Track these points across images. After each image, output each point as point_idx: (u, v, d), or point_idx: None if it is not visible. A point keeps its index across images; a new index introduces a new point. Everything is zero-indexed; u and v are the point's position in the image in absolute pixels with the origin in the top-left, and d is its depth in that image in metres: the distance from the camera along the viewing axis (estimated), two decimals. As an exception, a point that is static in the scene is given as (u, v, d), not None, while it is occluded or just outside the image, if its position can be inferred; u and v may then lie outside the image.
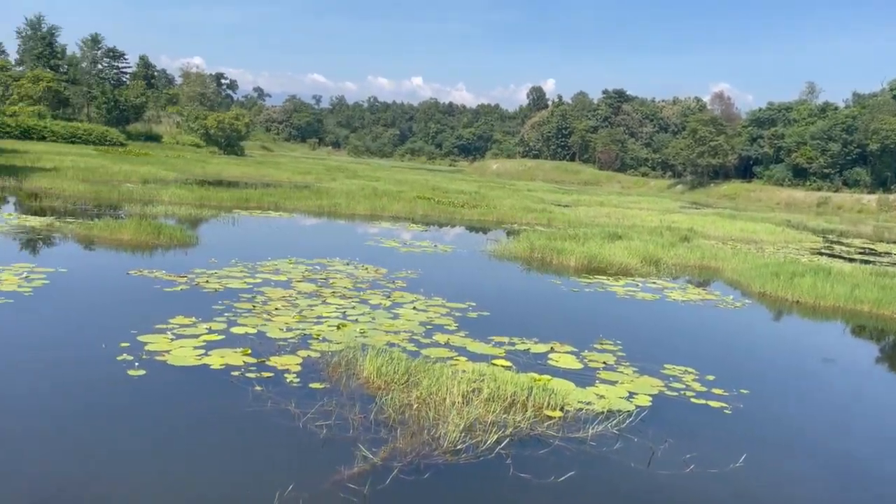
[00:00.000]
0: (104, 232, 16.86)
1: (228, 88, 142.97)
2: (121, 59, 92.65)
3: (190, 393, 7.63)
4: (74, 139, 68.27)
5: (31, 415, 6.79)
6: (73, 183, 28.14)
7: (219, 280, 12.89)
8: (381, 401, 7.33)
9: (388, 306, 12.07)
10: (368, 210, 29.23)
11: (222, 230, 21.07)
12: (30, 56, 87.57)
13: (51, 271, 12.33)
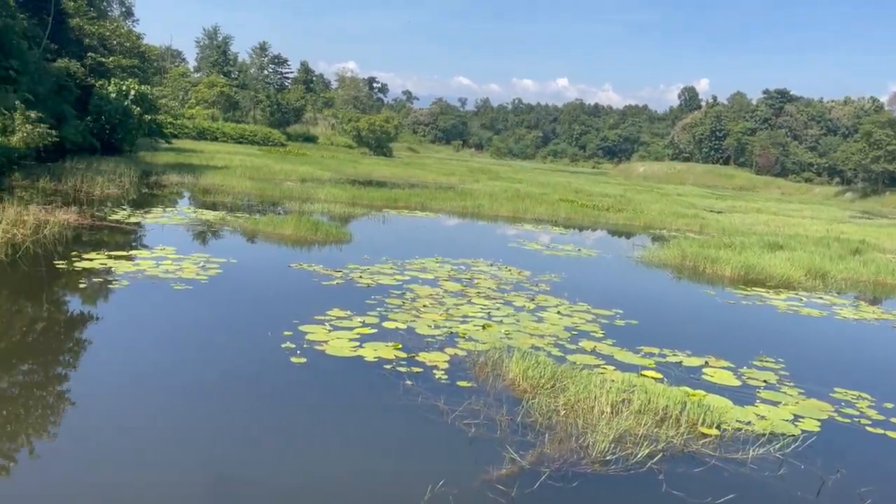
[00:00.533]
0: (268, 227, 18.14)
1: (379, 92, 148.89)
2: (284, 66, 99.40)
3: (346, 382, 8.03)
4: (242, 140, 74.00)
5: (202, 395, 7.46)
6: (241, 180, 30.54)
7: (371, 276, 13.45)
8: (527, 404, 7.32)
9: (532, 309, 12.03)
10: (511, 212, 29.29)
11: (373, 228, 21.99)
12: (206, 63, 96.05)
13: (223, 261, 13.45)
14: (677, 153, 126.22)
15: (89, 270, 11.82)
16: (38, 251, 13.06)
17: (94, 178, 24.83)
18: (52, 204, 18.13)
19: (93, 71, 42.60)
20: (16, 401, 7.02)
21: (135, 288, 10.98)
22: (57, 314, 10.13)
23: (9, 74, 29.14)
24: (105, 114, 41.17)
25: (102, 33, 43.88)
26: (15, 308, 10.20)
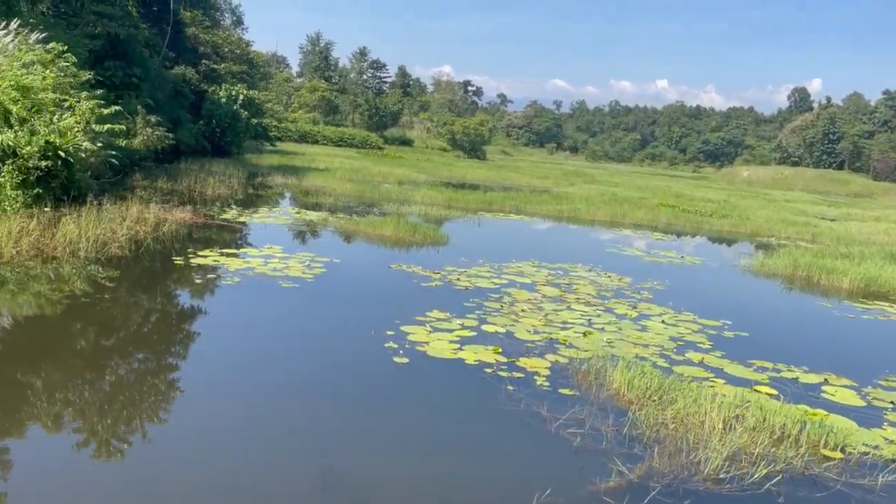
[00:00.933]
0: (369, 228, 18.55)
1: (474, 95, 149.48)
2: (382, 70, 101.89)
3: (448, 384, 8.07)
4: (341, 143, 76.17)
5: (308, 390, 7.68)
6: (342, 182, 31.41)
7: (468, 278, 13.48)
8: (633, 415, 7.11)
9: (635, 317, 11.69)
10: (608, 216, 28.66)
11: (469, 231, 22.06)
12: (308, 69, 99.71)
13: (327, 261, 13.84)
14: (785, 157, 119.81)
15: (204, 267, 12.45)
16: (158, 247, 13.88)
17: (206, 179, 26.17)
18: (170, 203, 19.26)
19: (206, 77, 44.97)
20: (132, 387, 7.53)
21: (246, 285, 11.47)
22: (174, 307, 10.73)
23: (132, 81, 31.19)
24: (216, 118, 43.38)
25: (215, 41, 46.24)
26: (137, 301, 10.87)
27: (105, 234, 13.62)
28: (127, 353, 8.66)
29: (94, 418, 6.51)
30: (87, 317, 9.69)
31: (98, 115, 19.78)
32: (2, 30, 20.59)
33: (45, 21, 24.82)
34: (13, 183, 15.63)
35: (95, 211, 15.41)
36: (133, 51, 31.44)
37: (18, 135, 16.18)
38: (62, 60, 21.01)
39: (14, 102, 17.09)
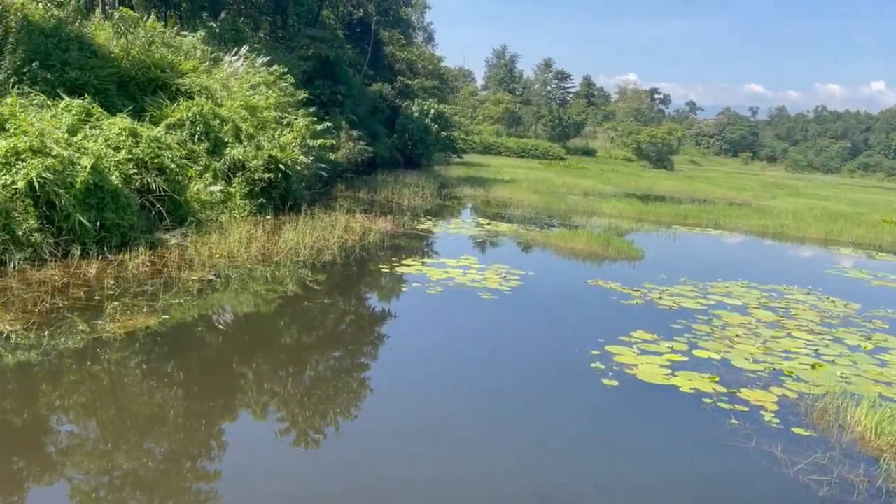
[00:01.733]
0: (560, 241, 18.31)
1: (661, 103, 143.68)
2: (566, 80, 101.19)
3: (664, 413, 7.61)
4: (524, 154, 76.64)
5: (510, 405, 7.58)
6: (527, 194, 31.46)
7: (671, 297, 12.77)
8: (887, 466, 6.22)
9: (870, 350, 10.36)
10: (821, 233, 25.96)
11: (665, 245, 21.03)
12: (493, 81, 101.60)
13: (522, 273, 13.81)
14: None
15: (407, 275, 12.94)
16: (364, 255, 14.68)
17: (401, 190, 27.42)
18: (372, 213, 20.37)
19: (400, 93, 47.29)
20: (329, 383, 8.05)
21: (448, 294, 11.73)
22: (376, 312, 11.23)
23: (338, 98, 33.52)
24: (408, 131, 45.49)
25: (410, 59, 48.48)
26: (342, 304, 11.51)
27: (319, 241, 14.66)
28: (326, 351, 9.24)
29: (295, 409, 7.12)
30: (295, 316, 10.42)
31: (312, 131, 21.46)
32: (233, 56, 23.03)
33: (267, 46, 27.45)
34: (241, 193, 17.35)
35: (309, 220, 16.68)
36: (340, 70, 33.86)
37: (247, 149, 17.97)
38: (283, 81, 23.06)
39: (244, 120, 19.01)
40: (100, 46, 18.32)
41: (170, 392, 7.19)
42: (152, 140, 14.39)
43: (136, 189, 13.58)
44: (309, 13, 34.76)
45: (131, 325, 8.56)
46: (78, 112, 14.05)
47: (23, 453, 5.75)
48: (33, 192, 11.06)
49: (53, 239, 11.19)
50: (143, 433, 6.22)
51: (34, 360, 7.45)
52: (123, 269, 10.98)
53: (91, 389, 7.08)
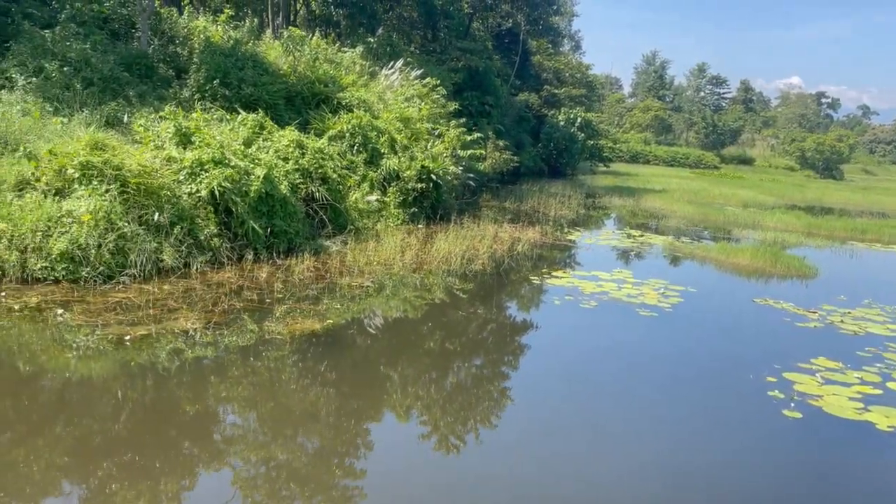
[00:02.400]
0: (721, 255, 17.20)
1: (829, 108, 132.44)
2: (722, 86, 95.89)
3: (860, 454, 6.81)
4: (673, 162, 73.47)
5: (680, 440, 7.06)
6: (681, 204, 29.99)
7: (854, 321, 11.55)
8: None
9: None
10: None
11: (841, 263, 19.17)
12: (642, 88, 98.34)
13: (682, 289, 13.07)
14: None
15: (559, 288, 12.65)
16: (513, 266, 14.56)
17: (547, 200, 27.10)
18: (519, 223, 20.26)
19: (546, 102, 46.98)
20: (469, 390, 8.06)
21: (603, 309, 11.32)
22: (524, 323, 11.02)
23: (485, 109, 33.79)
24: (553, 140, 45.03)
25: (558, 67, 48.04)
26: (500, 316, 11.42)
27: (469, 250, 14.74)
28: (474, 359, 9.17)
29: (437, 414, 7.27)
30: (447, 324, 10.44)
31: (462, 142, 21.73)
32: (389, 69, 23.85)
33: (420, 59, 28.21)
34: (396, 202, 17.85)
35: (459, 229, 16.84)
36: (488, 81, 34.14)
37: (401, 160, 18.48)
38: (435, 93, 23.55)
39: (398, 132, 19.58)
40: (271, 64, 19.63)
41: (323, 391, 7.53)
42: (317, 151, 15.15)
43: (301, 198, 14.35)
44: (459, 26, 35.35)
45: (297, 328, 8.96)
46: (252, 125, 15.08)
47: (194, 438, 6.31)
48: (214, 199, 11.97)
49: (230, 244, 12.04)
50: (298, 428, 6.60)
51: (210, 356, 7.99)
52: (290, 274, 11.58)
53: (255, 385, 7.47)
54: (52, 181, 10.67)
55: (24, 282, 9.60)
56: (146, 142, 12.76)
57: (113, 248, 10.17)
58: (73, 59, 15.83)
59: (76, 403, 6.86)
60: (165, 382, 7.31)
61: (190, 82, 17.43)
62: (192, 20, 20.52)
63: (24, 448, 5.77)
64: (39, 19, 17.05)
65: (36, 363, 7.58)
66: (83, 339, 8.07)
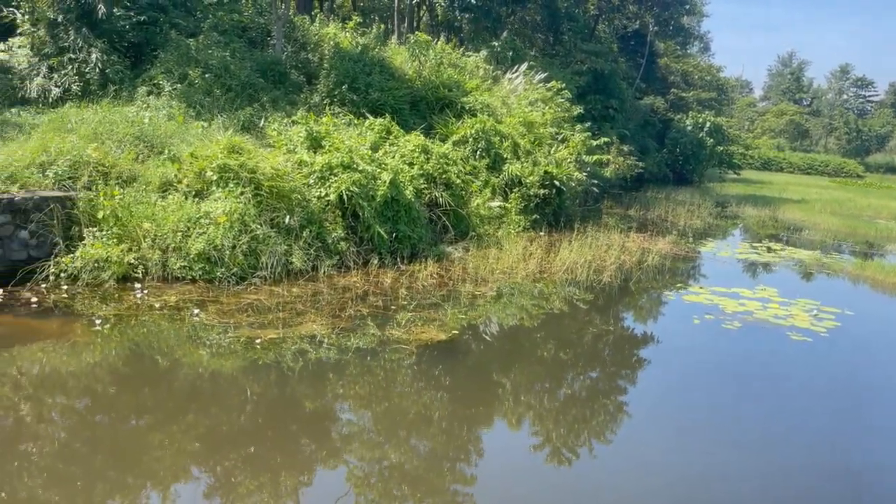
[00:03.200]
0: (878, 273, 15.52)
1: None
2: (868, 88, 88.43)
3: None
4: (810, 170, 68.50)
5: (830, 480, 6.18)
6: (825, 216, 27.64)
7: None
8: None
9: None
10: None
11: None
12: (776, 91, 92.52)
13: (837, 311, 11.78)
14: None
15: (697, 305, 11.75)
16: (644, 278, 13.73)
17: (675, 209, 25.75)
18: (646, 232, 19.27)
19: (673, 105, 45.00)
20: (584, 403, 7.77)
21: (748, 331, 10.35)
22: (670, 344, 10.23)
23: (609, 113, 32.73)
24: (680, 145, 42.98)
25: (686, 70, 45.94)
26: (636, 335, 10.70)
27: (595, 261, 14.07)
28: (599, 376, 8.55)
29: (550, 426, 7.10)
30: (569, 338, 9.85)
31: (588, 147, 20.99)
32: (513, 73, 23.48)
33: (543, 62, 27.65)
34: (517, 208, 17.41)
35: (583, 237, 16.18)
36: (612, 84, 33.05)
37: (524, 165, 18.04)
38: (559, 97, 22.94)
39: (521, 137, 19.16)
40: (396, 69, 19.76)
41: (441, 399, 7.37)
42: (441, 156, 15.00)
43: (424, 203, 14.23)
44: (584, 28, 34.45)
45: (421, 336, 8.73)
46: (380, 130, 15.16)
47: (313, 435, 6.46)
48: (342, 204, 12.04)
49: (355, 248, 12.07)
50: (412, 431, 6.61)
51: (334, 360, 7.89)
52: (414, 280, 11.43)
53: (374, 390, 7.29)
54: (193, 183, 11.07)
55: (165, 280, 9.98)
56: (279, 146, 13.06)
57: (246, 249, 10.40)
58: (214, 66, 16.57)
59: (207, 397, 6.97)
60: (291, 383, 7.27)
61: (320, 87, 17.81)
62: (323, 27, 21.06)
63: (160, 433, 6.06)
64: (185, 28, 18.00)
65: (173, 359, 7.77)
66: (216, 338, 8.21)
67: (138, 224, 10.10)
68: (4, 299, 8.74)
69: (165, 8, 18.39)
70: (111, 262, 9.64)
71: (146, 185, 10.92)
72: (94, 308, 8.82)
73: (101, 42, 15.67)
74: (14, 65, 15.20)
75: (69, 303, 8.91)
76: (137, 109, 14.34)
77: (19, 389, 6.74)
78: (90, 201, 10.10)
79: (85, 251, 9.64)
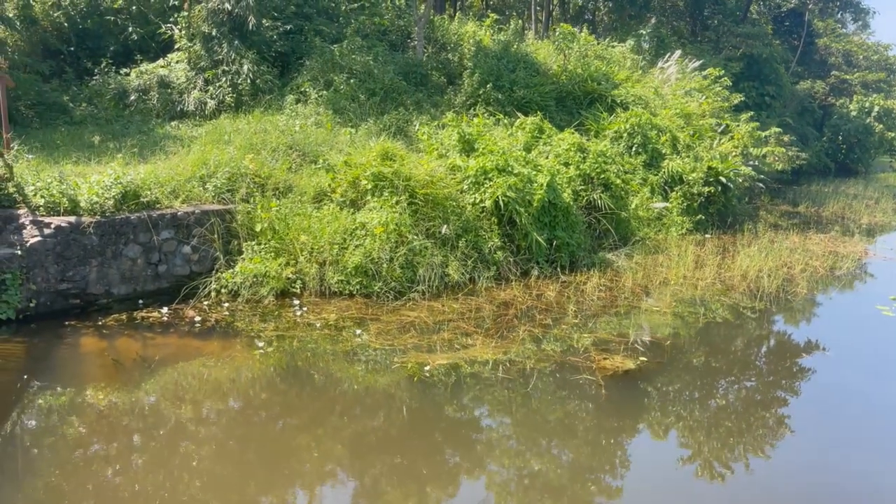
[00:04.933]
0: None
1: None
2: None
3: None
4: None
5: None
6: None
7: None
8: None
9: None
10: None
11: None
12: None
13: None
14: None
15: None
16: (843, 290, 11.87)
17: (850, 203, 22.94)
18: (829, 231, 17.05)
19: (833, 90, 40.87)
20: (741, 415, 6.78)
21: None
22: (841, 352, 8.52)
23: (765, 101, 29.96)
24: (842, 133, 38.89)
25: (848, 49, 41.58)
26: (781, 342, 9.06)
27: (780, 268, 12.36)
28: (744, 384, 7.05)
29: (702, 438, 6.51)
30: (769, 362, 8.37)
31: (756, 138, 18.98)
32: (665, 62, 21.74)
33: (694, 49, 25.59)
34: (679, 208, 15.85)
35: (755, 239, 14.43)
36: (769, 69, 30.23)
37: (685, 161, 16.44)
38: (718, 85, 20.98)
39: (679, 130, 17.53)
40: (541, 64, 18.73)
41: (641, 445, 6.37)
42: (599, 155, 13.81)
43: (581, 206, 13.13)
44: (737, 10, 31.76)
45: (607, 365, 7.66)
46: (531, 129, 14.20)
47: (456, 447, 5.78)
48: (497, 210, 11.18)
49: (512, 257, 11.18)
50: (555, 442, 6.11)
51: (513, 395, 6.98)
52: (580, 294, 10.36)
53: (565, 436, 6.28)
54: (347, 193, 10.62)
55: (322, 295, 9.53)
56: (429, 150, 12.42)
57: (403, 262, 9.78)
58: (357, 72, 16.30)
59: (381, 433, 6.25)
60: (471, 423, 6.46)
61: (464, 87, 17.11)
62: (462, 26, 20.42)
63: (344, 473, 5.47)
64: (328, 35, 17.90)
65: (339, 388, 7.18)
66: (383, 362, 7.57)
67: (295, 237, 9.73)
68: (170, 318, 8.58)
69: (310, 16, 18.41)
70: (269, 276, 9.31)
71: (301, 196, 10.58)
72: (254, 326, 8.48)
73: (252, 53, 15.79)
74: (173, 79, 15.61)
75: (230, 320, 8.63)
76: (287, 118, 14.25)
77: (181, 416, 6.37)
78: (248, 214, 9.86)
79: (244, 266, 9.37)
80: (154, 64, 16.31)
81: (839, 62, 41.97)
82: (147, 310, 8.78)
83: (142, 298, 9.06)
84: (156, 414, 6.38)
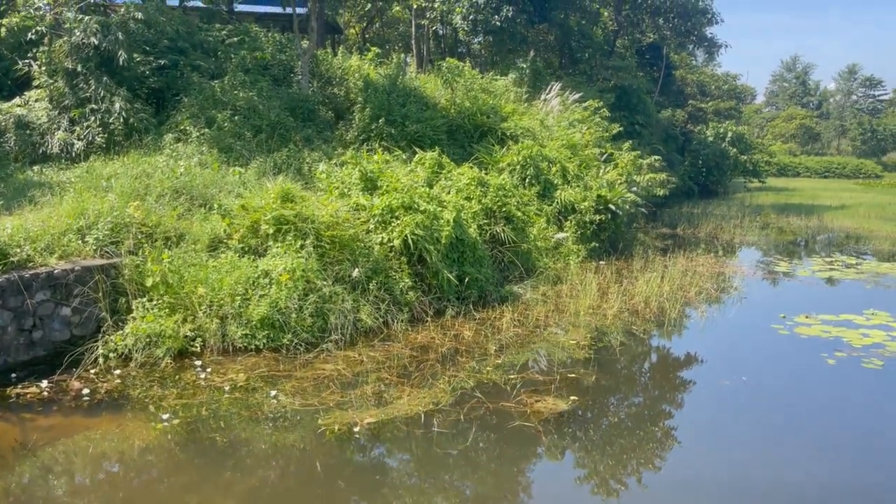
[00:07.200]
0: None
1: None
2: (877, 87, 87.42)
3: None
4: (827, 174, 67.47)
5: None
6: (876, 222, 26.43)
7: None
8: None
9: None
10: None
11: None
12: (782, 97, 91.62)
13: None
14: None
15: (816, 339, 10.43)
16: (737, 310, 12.45)
17: (719, 224, 24.56)
18: (710, 252, 18.01)
19: (691, 117, 44.00)
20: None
21: (894, 369, 9.04)
22: (829, 399, 8.91)
23: (635, 129, 31.63)
24: (702, 157, 41.86)
25: (702, 80, 45.05)
26: (779, 387, 9.37)
27: (677, 291, 12.80)
28: (682, 412, 7.18)
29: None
30: (689, 387, 8.54)
31: (637, 165, 19.84)
32: (547, 94, 22.41)
33: (571, 81, 26.64)
34: (573, 237, 16.16)
35: (647, 263, 14.95)
36: (637, 100, 32.04)
37: (576, 190, 16.84)
38: (597, 115, 21.86)
39: (568, 160, 18.00)
40: (430, 98, 18.70)
41: (527, 454, 5.87)
42: (498, 188, 13.83)
43: (485, 240, 13.04)
44: (605, 44, 33.54)
45: (540, 408, 7.44)
46: (431, 165, 14.00)
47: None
48: (406, 249, 10.83)
49: (425, 297, 10.84)
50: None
51: (453, 450, 6.58)
52: (497, 331, 10.17)
53: (519, 487, 5.97)
54: (246, 238, 9.88)
55: (226, 352, 8.73)
56: (329, 189, 11.90)
57: (313, 310, 9.17)
58: (241, 108, 15.52)
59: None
60: (413, 486, 5.98)
61: (355, 122, 16.72)
62: (346, 60, 20.09)
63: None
64: (206, 70, 16.98)
65: (262, 463, 6.47)
66: (307, 426, 6.94)
67: (191, 290, 8.88)
68: (51, 392, 7.48)
69: (185, 50, 17.39)
70: (165, 335, 8.41)
71: (194, 244, 9.71)
72: (152, 394, 7.57)
73: (123, 90, 14.62)
74: (33, 119, 14.12)
75: (123, 389, 7.66)
76: (167, 159, 13.22)
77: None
78: (136, 267, 8.90)
79: (136, 326, 8.41)
80: (9, 103, 14.71)
81: (695, 92, 45.39)
82: (23, 384, 7.63)
83: (14, 371, 7.88)
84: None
